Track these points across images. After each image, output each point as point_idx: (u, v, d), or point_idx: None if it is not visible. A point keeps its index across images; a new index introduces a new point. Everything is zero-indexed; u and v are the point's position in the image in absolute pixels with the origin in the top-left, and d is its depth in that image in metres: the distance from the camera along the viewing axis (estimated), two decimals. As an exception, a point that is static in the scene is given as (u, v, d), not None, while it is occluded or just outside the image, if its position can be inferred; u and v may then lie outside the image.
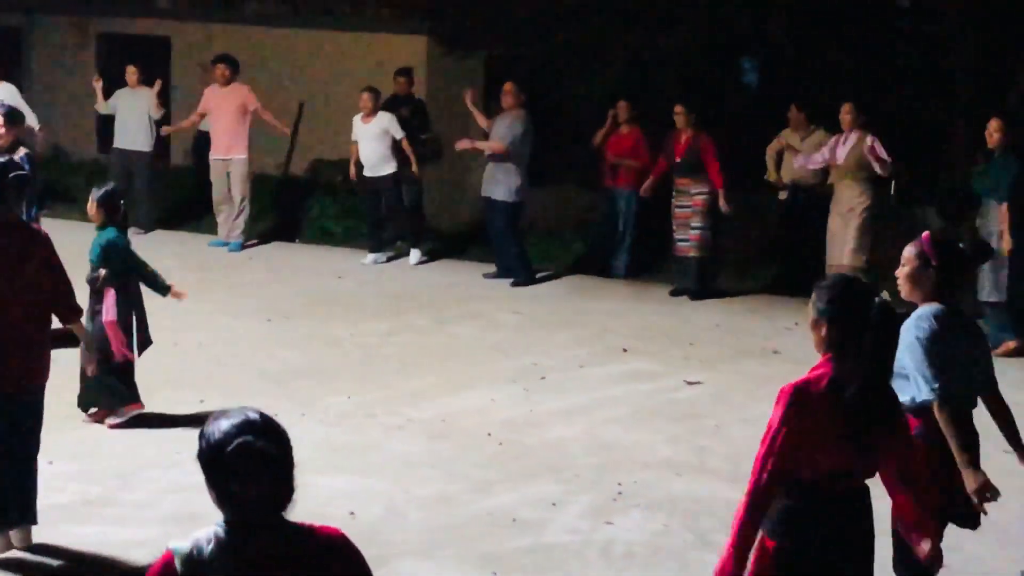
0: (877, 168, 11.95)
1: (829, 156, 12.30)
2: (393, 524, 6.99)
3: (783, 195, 13.72)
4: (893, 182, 13.29)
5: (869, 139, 11.99)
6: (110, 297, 8.37)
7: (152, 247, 14.06)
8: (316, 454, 8.02)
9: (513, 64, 16.76)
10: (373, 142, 13.97)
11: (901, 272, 5.40)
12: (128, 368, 8.51)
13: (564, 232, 15.37)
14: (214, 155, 14.84)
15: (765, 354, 10.91)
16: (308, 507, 6.99)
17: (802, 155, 12.80)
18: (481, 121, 13.80)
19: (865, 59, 16.01)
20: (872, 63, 16.00)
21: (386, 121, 13.96)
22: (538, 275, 13.64)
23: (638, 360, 10.28)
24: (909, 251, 5.37)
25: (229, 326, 11.19)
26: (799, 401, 4.41)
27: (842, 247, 12.07)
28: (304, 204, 15.96)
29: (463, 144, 13.79)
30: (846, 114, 12.21)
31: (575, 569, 6.52)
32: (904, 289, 5.41)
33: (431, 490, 7.50)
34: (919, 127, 11.96)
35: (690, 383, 9.82)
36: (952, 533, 5.45)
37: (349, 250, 14.83)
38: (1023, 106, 14.64)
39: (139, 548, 6.55)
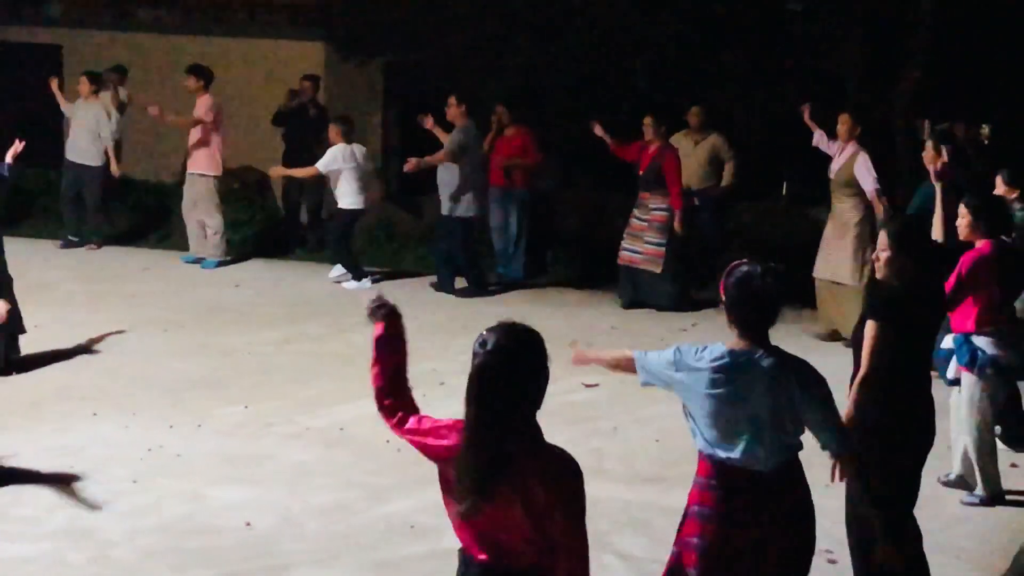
0: (872, 189, 11.37)
1: (831, 153, 11.85)
2: (289, 533, 6.96)
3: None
4: (784, 183, 13.49)
5: (860, 158, 11.48)
6: None
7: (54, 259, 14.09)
8: (212, 465, 7.99)
9: (411, 70, 16.77)
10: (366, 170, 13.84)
11: None
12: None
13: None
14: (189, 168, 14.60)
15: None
16: (203, 518, 7.08)
17: (823, 139, 12.02)
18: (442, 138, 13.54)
19: (756, 61, 16.21)
20: (762, 65, 16.20)
21: (364, 150, 13.80)
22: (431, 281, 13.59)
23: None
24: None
25: (123, 337, 11.05)
26: None
27: (829, 258, 11.72)
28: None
29: (411, 166, 13.34)
30: (842, 125, 11.67)
31: (472, 574, 6.52)
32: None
33: (327, 498, 7.48)
34: (808, 128, 12.06)
35: (587, 385, 9.86)
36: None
37: (245, 259, 14.70)
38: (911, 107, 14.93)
39: (30, 564, 6.47)
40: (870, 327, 5.87)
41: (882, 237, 6.04)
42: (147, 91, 14.96)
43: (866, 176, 11.34)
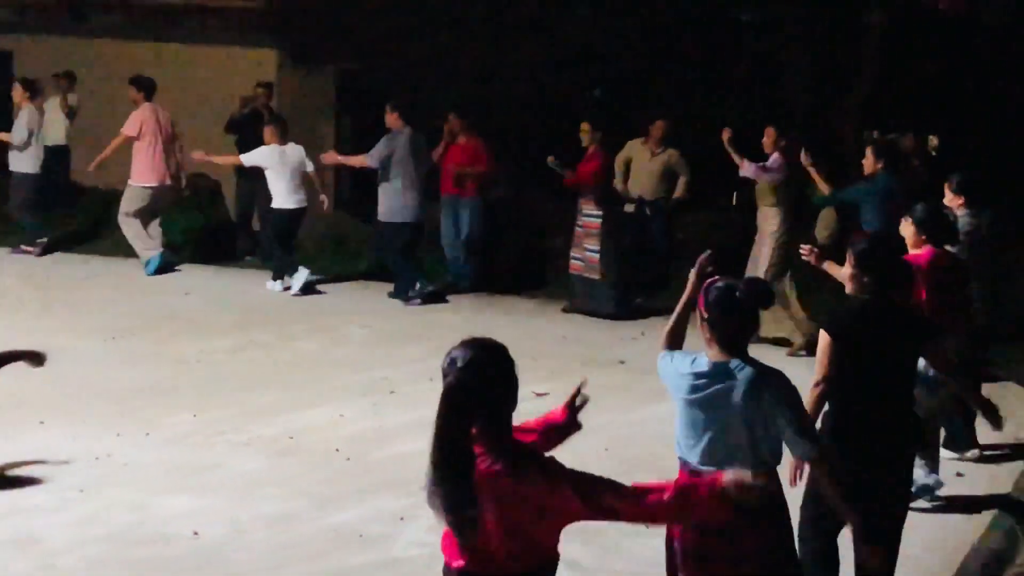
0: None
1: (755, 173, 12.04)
2: (237, 543, 6.93)
3: (630, 207, 13.92)
4: (735, 193, 13.57)
5: (771, 159, 11.84)
6: None
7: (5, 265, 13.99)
8: (160, 474, 7.94)
9: (364, 78, 16.75)
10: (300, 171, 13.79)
11: None
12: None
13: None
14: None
15: (611, 364, 11.03)
16: (150, 527, 7.03)
17: (750, 168, 12.09)
18: None
19: (708, 73, 16.32)
20: (714, 77, 16.32)
21: (301, 153, 13.77)
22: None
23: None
24: None
25: (71, 345, 10.93)
26: None
27: (757, 266, 11.86)
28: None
29: (329, 158, 13.70)
30: (767, 137, 11.91)
31: (422, 583, 6.51)
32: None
33: (276, 508, 7.44)
34: (758, 139, 12.14)
35: (538, 394, 9.84)
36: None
37: (196, 266, 14.64)
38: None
39: (-26, 573, 6.41)
40: (821, 338, 6.04)
41: (848, 254, 6.22)
42: (98, 97, 14.88)
43: (753, 165, 11.70)
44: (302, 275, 13.49)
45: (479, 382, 3.96)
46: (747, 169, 11.82)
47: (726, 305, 4.98)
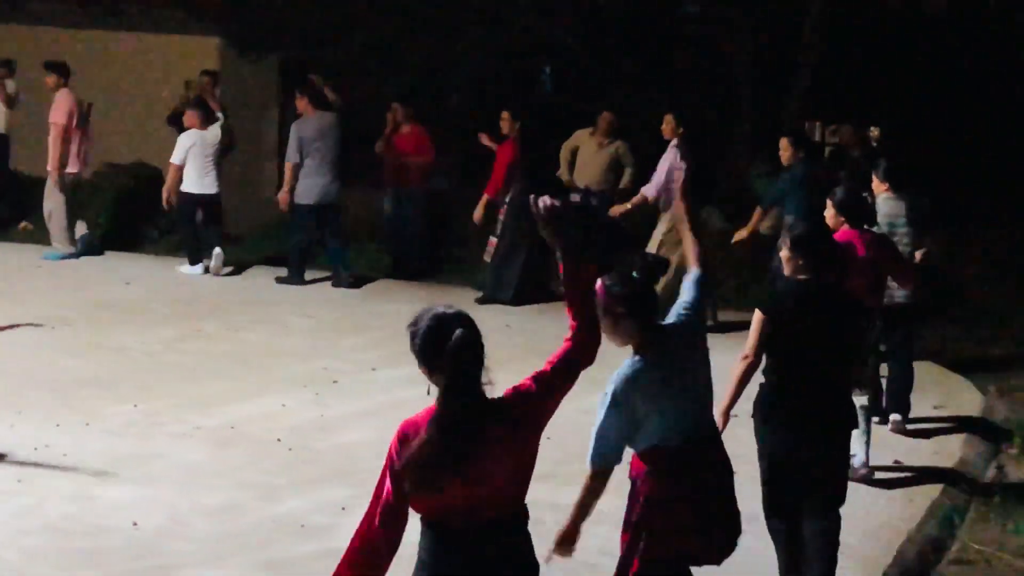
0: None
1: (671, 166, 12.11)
2: (177, 534, 6.88)
3: (575, 197, 13.92)
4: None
5: (669, 152, 12.00)
6: None
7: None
8: (100, 464, 7.87)
9: (307, 67, 16.67)
10: (213, 157, 13.73)
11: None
12: None
13: (358, 234, 15.32)
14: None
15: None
16: (90, 518, 6.97)
17: (651, 187, 12.33)
18: None
19: (652, 64, 16.36)
20: (658, 68, 16.37)
21: (216, 138, 13.72)
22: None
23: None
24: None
25: (11, 334, 10.87)
26: None
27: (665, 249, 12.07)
28: (93, 209, 15.56)
29: (283, 200, 13.76)
30: (667, 124, 12.10)
31: (362, 573, 6.49)
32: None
33: (217, 498, 7.41)
34: (703, 131, 12.23)
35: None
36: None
37: (138, 255, 14.54)
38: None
39: (-90, 566, 6.34)
40: (755, 316, 6.29)
41: (783, 238, 6.44)
42: (39, 86, 14.70)
43: (662, 165, 11.86)
44: (196, 269, 13.65)
45: (476, 335, 4.09)
46: (650, 190, 11.93)
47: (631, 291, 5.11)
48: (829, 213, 7.99)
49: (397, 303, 12.76)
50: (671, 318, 5.29)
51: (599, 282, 5.08)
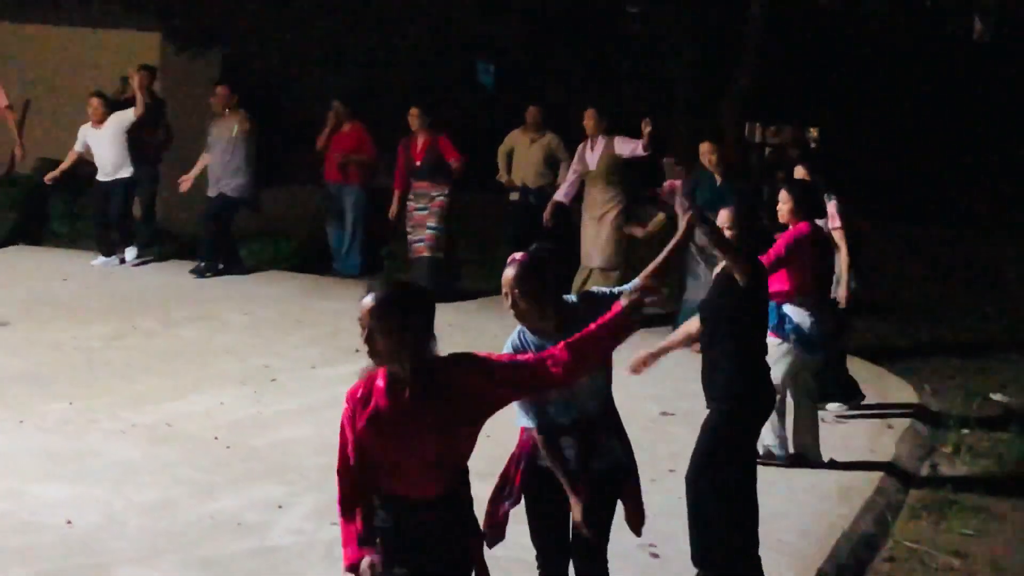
0: (641, 149, 11.89)
1: (579, 166, 12.36)
2: (112, 531, 6.83)
3: (514, 196, 13.94)
4: None
5: (616, 140, 12.11)
6: None
7: None
8: (34, 462, 7.80)
9: (249, 62, 16.60)
10: (108, 147, 13.67)
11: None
12: None
13: (297, 232, 15.30)
14: None
15: (497, 350, 11.02)
16: (23, 516, 6.91)
17: (560, 191, 12.66)
18: None
19: (593, 63, 16.41)
20: (599, 66, 16.41)
21: (117, 121, 13.68)
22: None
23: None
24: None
25: (-56, 331, 10.77)
26: None
27: (594, 250, 12.21)
28: (28, 205, 15.43)
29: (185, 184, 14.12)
30: (589, 119, 12.22)
31: (298, 570, 6.47)
32: None
33: (152, 496, 7.35)
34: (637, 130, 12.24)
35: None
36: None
37: (75, 251, 14.42)
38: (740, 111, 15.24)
39: None
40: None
41: (724, 215, 6.57)
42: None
43: (633, 145, 11.91)
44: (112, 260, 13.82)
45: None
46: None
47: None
48: (786, 206, 8.16)
49: (336, 301, 12.75)
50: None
51: (520, 254, 5.16)
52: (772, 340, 7.79)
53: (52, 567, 6.35)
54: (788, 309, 8.09)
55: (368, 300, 4.24)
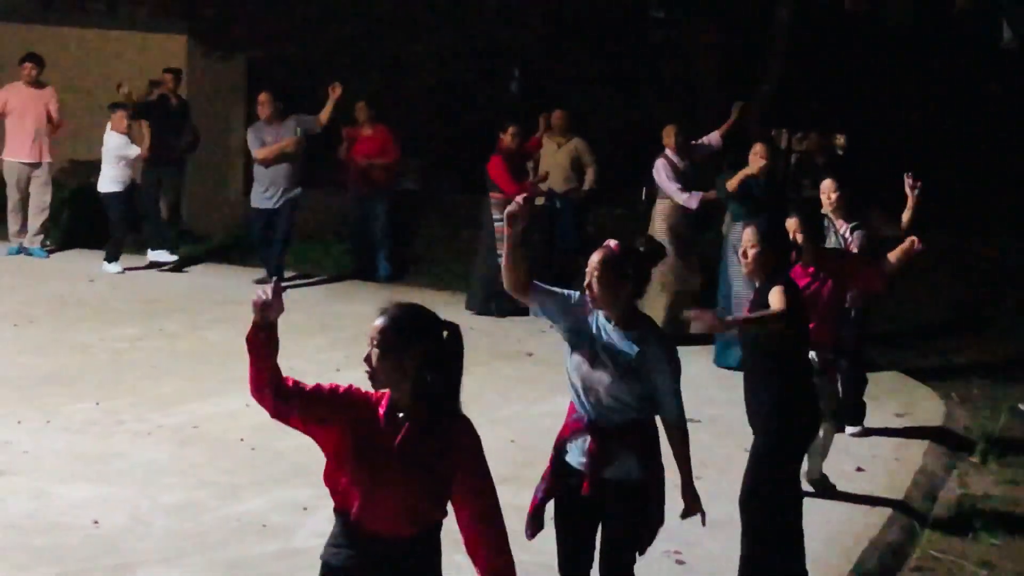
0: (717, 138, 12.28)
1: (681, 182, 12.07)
2: (137, 532, 6.85)
3: (540, 200, 13.92)
4: (644, 188, 13.70)
5: (695, 147, 12.28)
6: None
7: None
8: (60, 462, 7.83)
9: (275, 66, 16.65)
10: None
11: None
12: None
13: (323, 236, 15.32)
14: (14, 158, 14.26)
15: (519, 357, 11.06)
16: (49, 516, 6.92)
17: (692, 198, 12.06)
18: None
19: (617, 67, 16.40)
20: (623, 71, 16.40)
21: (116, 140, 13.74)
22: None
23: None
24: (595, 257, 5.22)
25: (-29, 332, 10.81)
26: None
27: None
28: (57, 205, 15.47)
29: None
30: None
31: (323, 574, 6.47)
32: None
33: (178, 497, 7.37)
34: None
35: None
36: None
37: (101, 252, 14.44)
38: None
39: None
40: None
41: (749, 233, 6.34)
42: (3, 81, 14.61)
43: (665, 182, 11.82)
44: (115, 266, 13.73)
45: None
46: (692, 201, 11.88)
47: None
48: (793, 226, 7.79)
49: (362, 305, 12.74)
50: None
51: (614, 242, 5.15)
52: None
53: (78, 567, 6.37)
54: None
55: (377, 320, 4.18)
